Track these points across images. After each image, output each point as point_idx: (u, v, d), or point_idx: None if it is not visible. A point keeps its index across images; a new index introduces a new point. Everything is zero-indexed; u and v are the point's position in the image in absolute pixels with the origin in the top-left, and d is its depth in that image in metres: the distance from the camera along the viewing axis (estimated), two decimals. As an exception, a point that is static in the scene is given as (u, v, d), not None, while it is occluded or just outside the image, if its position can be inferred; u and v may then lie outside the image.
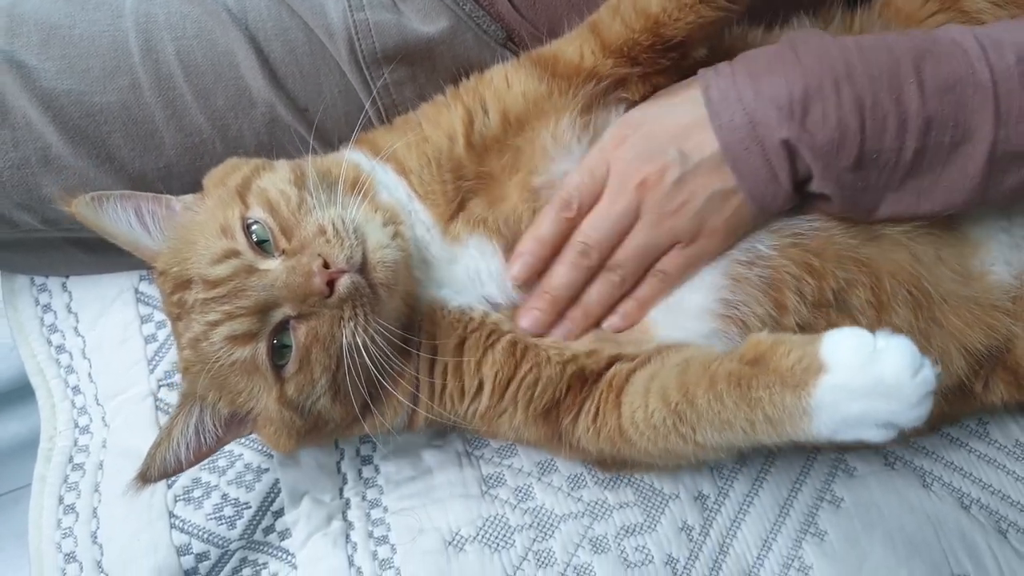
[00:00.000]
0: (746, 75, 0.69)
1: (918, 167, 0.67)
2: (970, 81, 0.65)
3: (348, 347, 0.66)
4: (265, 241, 0.68)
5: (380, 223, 0.70)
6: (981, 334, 0.78)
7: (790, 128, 0.66)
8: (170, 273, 0.71)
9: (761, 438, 0.63)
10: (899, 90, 0.66)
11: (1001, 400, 0.84)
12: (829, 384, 0.58)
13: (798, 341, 0.62)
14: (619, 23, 0.72)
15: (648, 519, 0.83)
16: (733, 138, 0.68)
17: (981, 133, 0.66)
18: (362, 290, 0.66)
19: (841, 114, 0.66)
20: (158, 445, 0.71)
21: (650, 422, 0.68)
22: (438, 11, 0.82)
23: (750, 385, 0.62)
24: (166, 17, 0.79)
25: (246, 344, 0.67)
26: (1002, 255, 0.81)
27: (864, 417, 0.58)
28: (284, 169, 0.73)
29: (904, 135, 0.66)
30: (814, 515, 0.86)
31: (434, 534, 0.80)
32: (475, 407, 0.75)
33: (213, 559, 0.81)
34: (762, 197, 0.69)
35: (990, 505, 0.90)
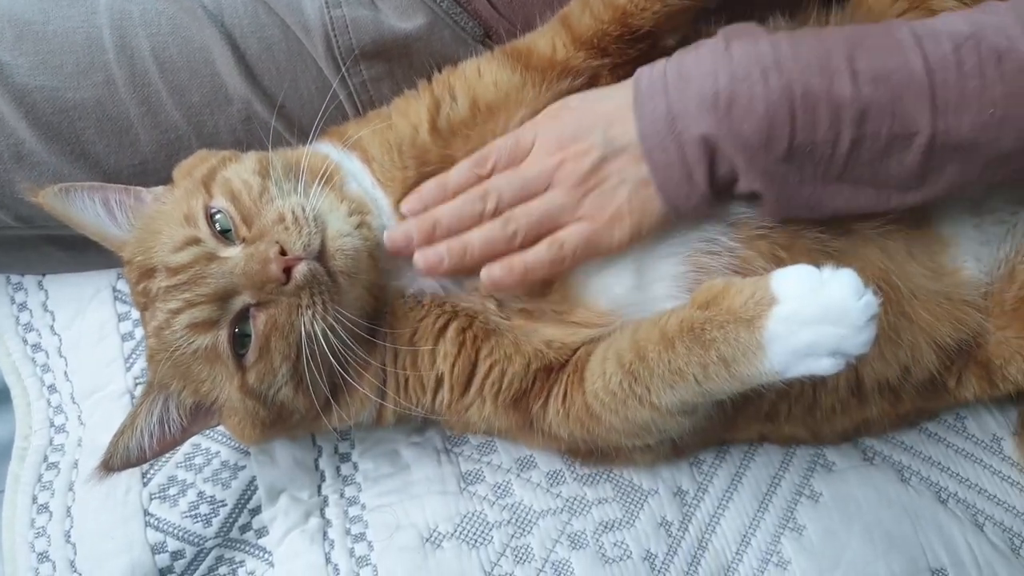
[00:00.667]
0: (676, 67, 0.68)
1: (856, 158, 0.66)
2: (904, 71, 0.64)
3: (307, 335, 0.66)
4: (228, 230, 0.68)
5: (344, 213, 0.70)
6: (950, 328, 0.78)
7: (711, 122, 0.65)
8: (135, 262, 0.71)
9: (714, 385, 0.63)
10: (830, 79, 0.64)
11: (974, 395, 0.85)
12: (781, 314, 0.59)
13: (749, 281, 0.62)
14: (589, 16, 0.73)
15: (627, 515, 0.83)
16: (651, 130, 0.67)
17: (919, 123, 0.64)
18: (320, 278, 0.66)
19: (769, 103, 0.64)
20: (121, 433, 0.71)
21: (608, 388, 0.68)
22: (415, 8, 0.82)
23: (703, 328, 0.62)
24: (141, 14, 0.79)
25: (207, 332, 0.67)
26: (972, 251, 0.81)
27: (815, 345, 0.58)
28: (250, 160, 0.73)
29: (839, 125, 0.64)
30: (793, 510, 0.87)
31: (411, 531, 0.80)
32: (440, 399, 0.75)
33: (189, 557, 0.81)
34: (674, 195, 0.68)
35: (967, 499, 0.90)
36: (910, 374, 0.80)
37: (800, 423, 0.83)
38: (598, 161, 0.69)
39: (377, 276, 0.72)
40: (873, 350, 0.60)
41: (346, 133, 0.77)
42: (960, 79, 0.64)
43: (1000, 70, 0.64)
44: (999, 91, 0.64)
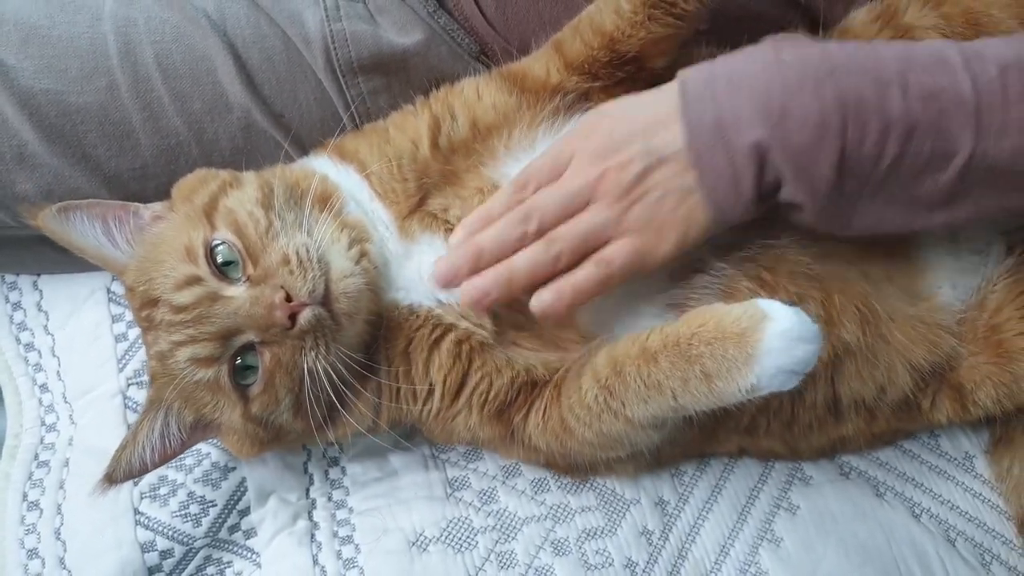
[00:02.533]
0: (724, 72, 0.66)
1: (893, 175, 0.65)
2: (953, 91, 0.64)
3: (310, 372, 0.68)
4: (230, 263, 0.69)
5: (345, 246, 0.71)
6: (925, 350, 0.80)
7: (763, 130, 0.63)
8: (137, 291, 0.72)
9: (689, 399, 0.64)
10: (883, 94, 0.63)
11: (947, 418, 0.87)
12: (777, 330, 0.61)
13: (734, 304, 0.64)
14: (579, 42, 0.75)
15: (609, 523, 0.85)
16: (699, 137, 0.65)
17: (960, 144, 0.64)
18: (324, 321, 0.67)
19: (823, 113, 0.63)
20: (123, 448, 0.73)
21: (584, 403, 0.69)
22: (414, 24, 0.84)
23: (690, 343, 0.63)
24: (145, 21, 0.80)
25: (209, 366, 0.69)
26: (949, 278, 0.84)
27: (802, 360, 0.61)
28: (251, 186, 0.73)
29: (886, 140, 0.64)
30: (771, 522, 0.89)
31: (398, 534, 0.81)
32: (429, 408, 0.76)
33: (177, 556, 0.82)
34: (721, 202, 0.66)
35: (940, 515, 0.93)
36: (885, 394, 0.82)
37: (778, 438, 0.85)
38: (641, 171, 0.67)
39: (376, 305, 0.73)
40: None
41: (343, 146, 0.78)
42: (1004, 104, 0.64)
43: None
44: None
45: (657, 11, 0.72)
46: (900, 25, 0.86)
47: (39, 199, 0.80)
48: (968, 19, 0.84)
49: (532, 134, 0.76)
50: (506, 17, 0.85)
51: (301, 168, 0.78)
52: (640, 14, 0.72)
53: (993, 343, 0.83)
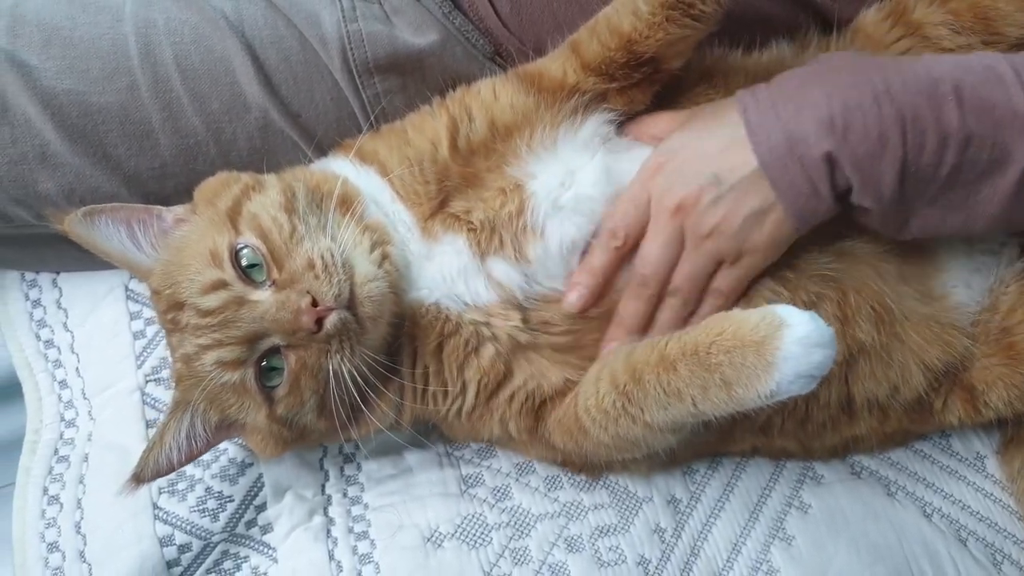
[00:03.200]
0: (783, 94, 0.70)
1: (953, 182, 0.69)
2: (1008, 104, 0.67)
3: (335, 375, 0.69)
4: (255, 266, 0.70)
5: (368, 249, 0.72)
6: (939, 351, 0.81)
7: (831, 141, 0.67)
8: (163, 294, 0.73)
9: (708, 406, 0.65)
10: (939, 107, 0.67)
11: (959, 420, 0.87)
12: (795, 336, 0.62)
13: (752, 311, 0.65)
14: (596, 43, 0.76)
15: (622, 520, 0.86)
16: (772, 157, 0.69)
17: (1017, 154, 0.67)
18: (349, 325, 0.68)
19: (883, 128, 0.67)
20: (151, 449, 0.74)
21: (601, 407, 0.70)
22: (429, 24, 0.85)
23: (709, 351, 0.64)
24: (165, 22, 0.81)
25: (235, 369, 0.70)
26: (963, 278, 0.85)
27: (820, 364, 0.62)
28: (274, 190, 0.74)
29: (944, 150, 0.67)
30: (782, 520, 0.89)
31: (413, 530, 0.82)
32: (458, 406, 0.77)
33: (195, 551, 0.83)
34: (803, 212, 0.70)
35: (951, 514, 0.93)
36: (899, 393, 0.83)
37: (792, 437, 0.86)
38: (714, 201, 0.71)
39: (399, 307, 0.74)
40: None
41: (362, 148, 0.79)
42: None
43: None
44: None
45: (675, 12, 0.72)
46: (910, 22, 0.87)
47: (60, 198, 0.81)
48: (976, 13, 0.86)
49: (554, 134, 0.77)
50: (520, 18, 0.86)
51: (321, 171, 0.78)
52: (658, 15, 0.73)
53: (1005, 345, 0.84)
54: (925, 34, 0.88)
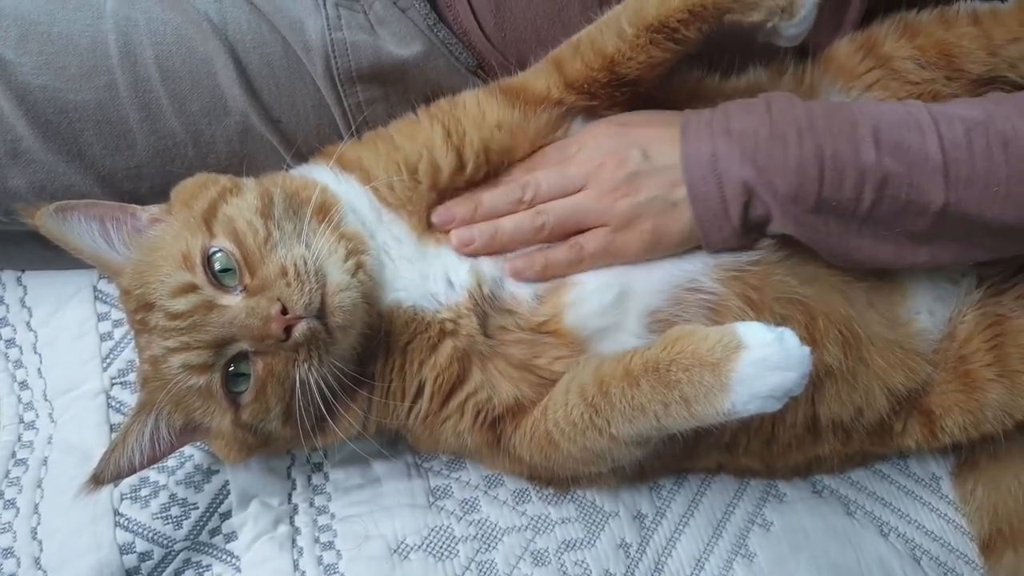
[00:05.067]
0: (722, 116, 0.75)
1: (876, 217, 0.73)
2: (921, 148, 0.72)
3: (301, 383, 0.69)
4: (227, 270, 0.69)
5: (342, 258, 0.72)
6: (903, 376, 0.84)
7: (750, 171, 0.71)
8: (133, 294, 0.72)
9: (671, 422, 0.67)
10: (857, 146, 0.71)
11: (916, 443, 0.90)
12: (751, 359, 0.64)
13: (714, 328, 0.67)
14: (579, 62, 0.77)
15: (588, 535, 0.86)
16: (696, 165, 0.73)
17: (933, 194, 0.72)
18: (318, 334, 0.68)
19: (801, 161, 0.71)
20: (113, 450, 0.73)
21: (570, 419, 0.71)
22: (413, 36, 0.85)
23: (668, 369, 0.66)
24: (147, 22, 0.80)
25: (202, 374, 0.70)
26: (926, 305, 0.87)
27: (777, 388, 0.63)
28: (252, 194, 0.74)
29: (862, 187, 0.71)
30: (745, 537, 0.91)
31: (380, 541, 0.82)
32: (417, 410, 0.77)
33: (156, 559, 0.82)
34: (709, 225, 0.74)
35: (907, 533, 0.96)
36: (862, 415, 0.85)
37: (757, 455, 0.88)
38: (633, 174, 0.75)
39: (371, 317, 0.74)
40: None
41: (343, 155, 0.79)
42: (970, 159, 0.72)
43: (1005, 154, 0.72)
44: (1003, 172, 0.72)
45: (659, 36, 0.74)
46: (880, 55, 0.90)
47: (31, 195, 0.80)
48: (941, 50, 0.89)
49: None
50: (504, 33, 0.87)
51: (301, 177, 0.78)
52: (642, 38, 0.74)
53: (962, 372, 0.87)
54: (893, 67, 0.91)
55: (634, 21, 0.74)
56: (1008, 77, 0.90)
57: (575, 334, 0.76)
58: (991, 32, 0.90)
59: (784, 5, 0.73)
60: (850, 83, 0.91)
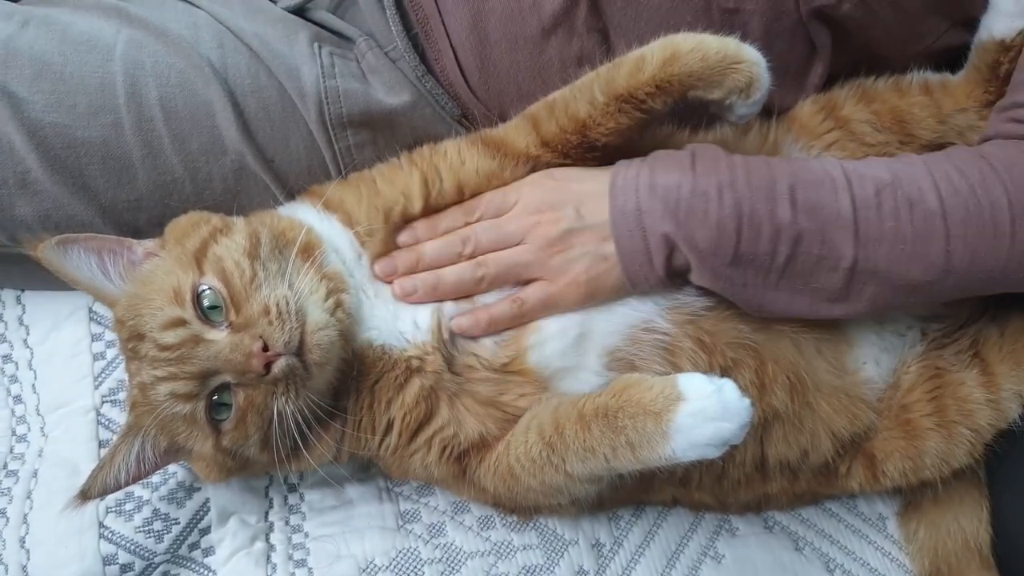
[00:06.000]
0: (648, 171, 0.79)
1: (791, 271, 0.78)
2: (834, 206, 0.77)
3: (279, 414, 0.74)
4: (215, 307, 0.74)
5: (323, 297, 0.77)
6: (846, 421, 0.89)
7: (671, 225, 0.76)
8: (127, 324, 0.77)
9: (619, 464, 0.72)
10: (774, 204, 0.76)
11: (859, 486, 0.95)
12: (688, 410, 0.69)
13: (658, 379, 0.72)
14: (554, 124, 0.83)
15: (548, 561, 0.91)
16: (622, 219, 0.78)
17: (844, 250, 0.76)
18: (296, 370, 0.73)
19: (720, 217, 0.76)
20: (101, 468, 0.78)
21: (529, 455, 0.76)
22: (403, 86, 0.91)
23: (616, 415, 0.71)
24: (152, 65, 0.86)
25: (187, 402, 0.75)
26: (873, 355, 0.93)
27: (713, 438, 0.68)
28: (240, 235, 0.78)
29: (777, 243, 0.76)
30: (698, 568, 0.96)
31: (350, 560, 0.86)
32: (387, 443, 0.82)
33: (137, 570, 0.86)
34: (635, 275, 0.79)
35: (852, 570, 1.01)
36: (808, 457, 0.90)
37: (709, 491, 0.93)
38: (567, 231, 0.80)
39: (347, 353, 0.79)
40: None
41: (329, 197, 0.84)
42: (879, 219, 0.77)
43: (911, 215, 0.77)
44: (909, 232, 0.77)
45: (628, 105, 0.80)
46: (839, 117, 0.97)
47: (36, 223, 0.85)
48: (894, 116, 0.96)
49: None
50: (488, 87, 0.93)
51: (288, 217, 0.83)
52: (612, 106, 0.80)
53: (903, 420, 0.92)
54: (851, 129, 0.97)
55: (606, 90, 0.80)
56: (956, 144, 0.97)
57: (538, 373, 0.81)
58: (940, 102, 0.97)
59: (743, 86, 0.78)
60: (811, 142, 0.97)
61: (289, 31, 0.89)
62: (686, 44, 0.78)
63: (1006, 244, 0.77)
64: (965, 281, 0.79)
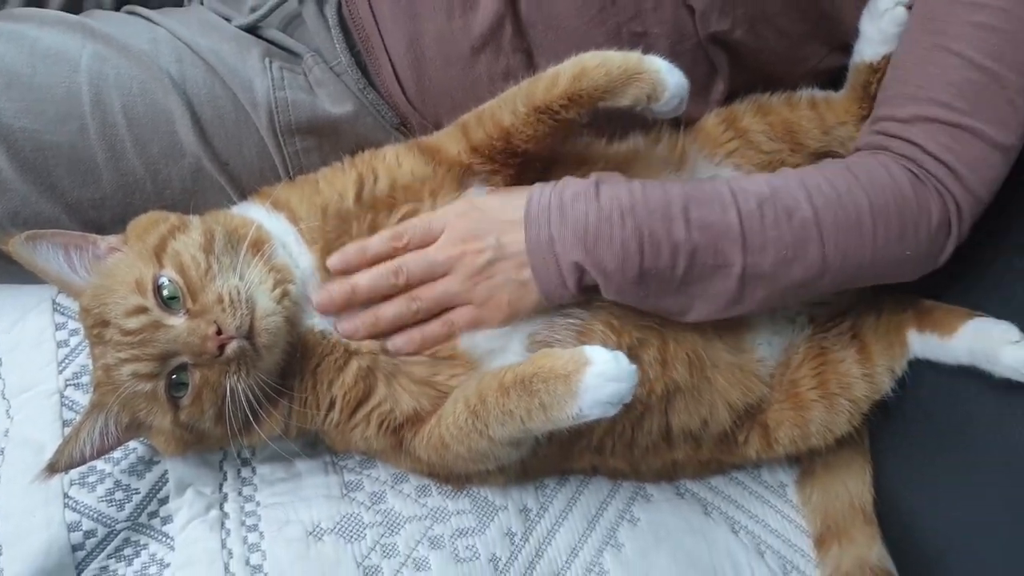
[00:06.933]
0: (558, 201, 0.87)
1: (689, 280, 0.87)
2: (724, 221, 0.86)
3: (231, 391, 0.82)
4: (173, 297, 0.82)
5: (271, 287, 0.84)
6: (740, 393, 1.01)
7: (580, 253, 0.85)
8: (92, 312, 0.84)
9: (533, 424, 0.82)
10: (670, 224, 0.85)
11: (755, 453, 1.07)
12: (594, 372, 0.79)
13: (567, 350, 0.82)
14: (482, 131, 0.92)
15: (479, 524, 1.00)
16: (537, 249, 0.87)
17: (734, 259, 0.86)
18: (247, 351, 0.81)
19: (623, 241, 0.84)
20: (67, 443, 0.85)
21: (457, 424, 0.86)
22: (346, 96, 1.01)
23: (531, 381, 0.81)
24: (116, 77, 0.94)
25: (149, 381, 0.82)
26: (766, 337, 1.05)
27: (613, 395, 0.79)
28: (196, 231, 0.86)
29: (676, 258, 0.85)
30: (615, 530, 1.06)
31: (298, 525, 0.94)
32: (331, 418, 0.91)
33: (99, 536, 0.92)
34: (551, 294, 0.88)
35: (754, 531, 1.13)
36: (708, 426, 1.02)
37: (622, 458, 1.03)
38: (489, 261, 0.88)
39: (293, 337, 0.87)
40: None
41: (277, 196, 0.93)
42: (763, 228, 0.87)
43: (790, 223, 0.88)
44: (789, 238, 0.88)
45: (544, 116, 0.89)
46: (739, 128, 1.09)
47: (6, 219, 0.92)
48: (785, 127, 1.09)
49: (457, 194, 0.93)
50: (424, 99, 1.03)
51: (240, 215, 0.92)
52: (531, 116, 0.89)
53: (792, 394, 1.05)
54: (749, 138, 1.09)
55: (525, 102, 0.89)
56: (839, 152, 1.10)
57: (468, 356, 0.91)
58: (824, 116, 1.10)
59: (649, 93, 0.87)
60: (715, 150, 1.09)
61: (242, 47, 0.98)
62: (592, 61, 0.88)
63: (870, 243, 0.90)
64: (841, 277, 0.91)
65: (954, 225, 0.92)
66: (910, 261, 0.93)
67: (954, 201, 0.91)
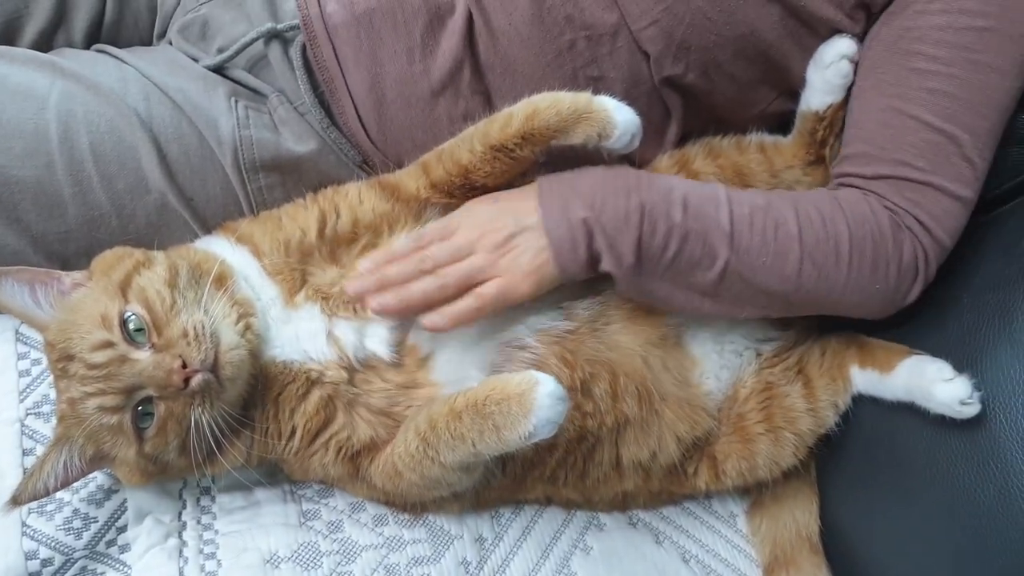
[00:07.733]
0: (568, 177, 0.94)
1: (676, 264, 0.92)
2: (715, 217, 0.92)
3: (195, 423, 0.84)
4: (140, 330, 0.84)
5: (234, 321, 0.87)
6: (688, 426, 1.04)
7: (588, 212, 0.90)
8: (57, 346, 0.86)
9: (484, 447, 0.84)
10: (670, 206, 0.91)
11: (704, 484, 1.10)
12: (545, 391, 0.82)
13: (514, 374, 0.85)
14: (441, 168, 0.97)
15: (435, 553, 1.03)
16: (550, 213, 0.91)
17: (720, 253, 0.92)
18: (211, 384, 0.84)
19: (628, 210, 0.90)
20: (31, 476, 0.87)
21: (409, 451, 0.88)
22: (309, 135, 1.04)
23: (484, 404, 0.83)
24: (84, 114, 0.96)
25: (114, 414, 0.84)
26: (714, 372, 1.09)
27: (560, 414, 0.82)
28: (161, 267, 0.88)
29: (669, 238, 0.91)
30: (569, 559, 1.09)
31: (255, 553, 0.96)
32: (291, 446, 0.94)
33: (57, 565, 0.93)
34: (564, 260, 0.91)
35: (704, 560, 1.16)
36: (657, 458, 1.05)
37: (574, 488, 1.07)
38: (510, 235, 0.91)
39: (255, 369, 0.90)
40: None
41: (240, 231, 0.96)
42: (750, 233, 0.94)
43: (776, 235, 0.95)
44: (772, 248, 0.94)
45: (500, 154, 0.94)
46: (691, 170, 1.14)
47: (-32, 251, 0.94)
48: (735, 170, 1.14)
49: (416, 225, 0.96)
50: (385, 137, 1.06)
51: (204, 250, 0.95)
52: (488, 154, 0.94)
53: (739, 427, 1.09)
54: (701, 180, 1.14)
55: (482, 141, 0.94)
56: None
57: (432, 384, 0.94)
58: (773, 159, 1.15)
59: (599, 131, 0.92)
60: None
61: (209, 87, 1.02)
62: (544, 102, 0.93)
63: (844, 269, 0.96)
64: (811, 297, 0.98)
65: (921, 270, 0.99)
66: (878, 295, 0.99)
67: (922, 248, 0.98)
